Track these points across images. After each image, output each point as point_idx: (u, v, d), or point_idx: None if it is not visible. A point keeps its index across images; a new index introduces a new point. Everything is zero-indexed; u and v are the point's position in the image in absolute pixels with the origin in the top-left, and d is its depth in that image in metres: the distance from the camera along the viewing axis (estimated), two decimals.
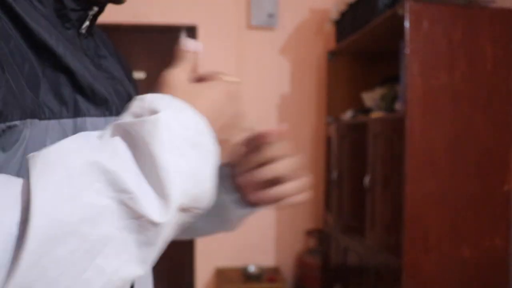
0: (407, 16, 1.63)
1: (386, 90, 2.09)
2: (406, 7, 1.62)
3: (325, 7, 2.90)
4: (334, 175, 2.47)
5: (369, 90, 2.36)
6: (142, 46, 2.91)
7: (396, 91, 1.98)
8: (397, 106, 1.87)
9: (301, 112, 3.00)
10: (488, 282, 1.70)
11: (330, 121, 2.62)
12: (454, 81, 1.66)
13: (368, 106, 2.28)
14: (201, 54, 0.45)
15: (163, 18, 2.88)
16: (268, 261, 3.00)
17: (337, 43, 2.56)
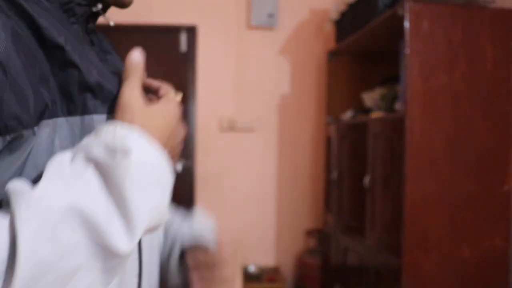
0: (407, 16, 1.63)
1: (386, 90, 2.09)
2: (406, 7, 1.62)
3: (325, 7, 2.90)
4: (334, 175, 2.47)
5: (369, 90, 2.36)
6: (142, 46, 2.89)
7: (396, 91, 1.98)
8: (397, 106, 1.87)
9: (301, 112, 3.00)
10: (488, 282, 1.70)
11: (330, 121, 2.62)
12: (454, 81, 1.66)
13: (368, 106, 2.28)
14: (143, 61, 0.50)
15: (163, 18, 2.88)
16: (268, 261, 3.00)
17: (337, 43, 2.56)
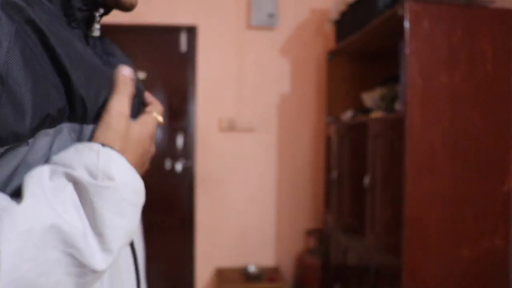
0: (407, 16, 1.63)
1: (386, 90, 2.09)
2: (406, 7, 1.62)
3: (325, 7, 2.90)
4: (334, 175, 2.47)
5: (369, 90, 2.36)
6: (142, 46, 2.90)
7: (396, 91, 1.98)
8: (397, 106, 1.87)
9: (301, 112, 3.01)
10: (488, 282, 1.70)
11: (330, 121, 2.62)
12: (454, 81, 1.66)
13: (368, 106, 2.28)
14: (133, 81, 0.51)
15: (163, 18, 2.88)
16: (268, 261, 3.01)
17: (337, 43, 2.56)
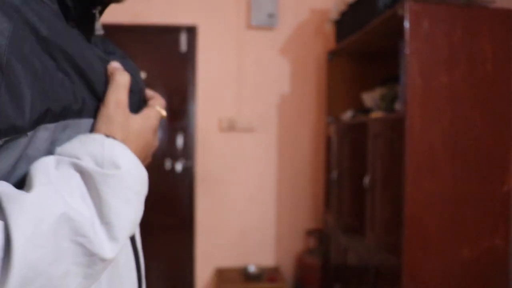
0: (407, 16, 1.63)
1: (386, 90, 2.09)
2: (406, 7, 1.62)
3: (325, 7, 2.90)
4: (334, 175, 2.47)
5: (369, 90, 2.36)
6: (142, 46, 2.91)
7: (396, 91, 1.98)
8: (397, 106, 1.87)
9: (301, 112, 3.01)
10: (488, 282, 1.70)
11: (330, 121, 2.62)
12: (454, 81, 1.66)
13: (368, 106, 2.28)
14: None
15: (163, 18, 2.88)
16: (268, 261, 3.01)
17: (337, 43, 2.56)
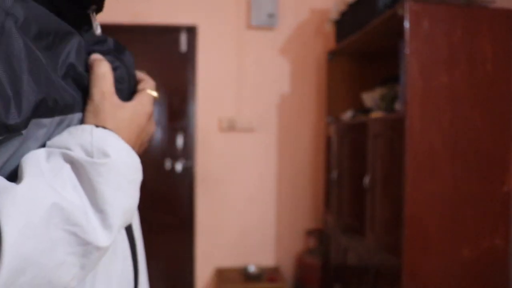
0: (407, 16, 1.63)
1: (386, 90, 2.09)
2: (406, 7, 1.62)
3: (325, 7, 2.90)
4: (334, 175, 2.47)
5: (369, 90, 2.36)
6: (142, 46, 2.90)
7: (396, 91, 1.98)
8: (397, 106, 1.87)
9: (301, 112, 3.01)
10: (488, 282, 1.70)
11: (330, 121, 2.62)
12: (454, 81, 1.66)
13: (368, 106, 2.28)
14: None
15: (163, 18, 2.88)
16: (268, 261, 3.00)
17: (337, 43, 2.56)
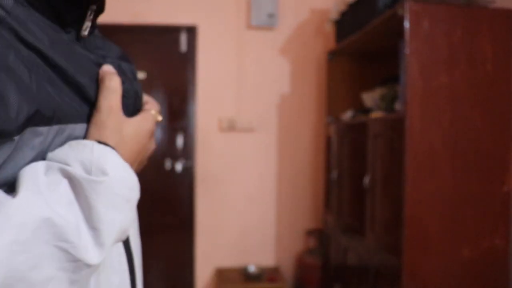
0: (407, 16, 1.63)
1: (386, 90, 2.09)
2: (406, 7, 1.62)
3: (325, 7, 2.90)
4: (334, 175, 2.47)
5: (369, 90, 2.36)
6: (142, 46, 2.90)
7: (396, 91, 1.98)
8: (397, 106, 1.87)
9: (301, 112, 3.01)
10: (488, 282, 1.70)
11: (330, 121, 2.62)
12: (454, 81, 1.66)
13: (368, 106, 2.28)
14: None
15: (163, 18, 2.88)
16: (268, 261, 3.01)
17: (337, 43, 2.56)
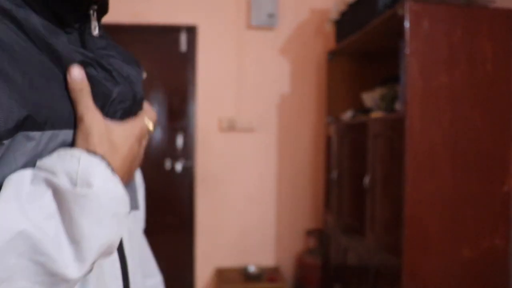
0: (407, 16, 1.63)
1: (386, 90, 2.09)
2: (406, 7, 1.62)
3: (325, 7, 2.90)
4: (334, 175, 2.47)
5: (369, 90, 2.36)
6: (142, 46, 2.90)
7: (396, 91, 1.98)
8: (397, 106, 1.87)
9: (301, 112, 3.01)
10: (488, 282, 1.70)
11: (330, 121, 2.62)
12: (454, 81, 1.66)
13: (368, 106, 2.28)
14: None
15: (163, 18, 2.88)
16: (268, 261, 3.00)
17: (337, 43, 2.56)
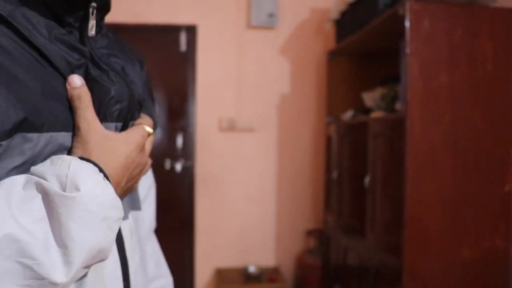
0: (408, 15, 1.62)
1: (386, 90, 2.09)
2: (407, 7, 1.62)
3: (325, 7, 2.90)
4: (334, 175, 2.47)
5: (369, 90, 2.36)
6: (142, 46, 2.89)
7: (396, 91, 1.98)
8: (397, 106, 1.87)
9: (301, 112, 3.00)
10: (488, 283, 1.70)
11: (330, 121, 2.62)
12: (454, 81, 1.66)
13: (368, 106, 2.28)
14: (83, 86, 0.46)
15: (163, 18, 2.88)
16: (268, 261, 3.00)
17: (337, 43, 2.56)
